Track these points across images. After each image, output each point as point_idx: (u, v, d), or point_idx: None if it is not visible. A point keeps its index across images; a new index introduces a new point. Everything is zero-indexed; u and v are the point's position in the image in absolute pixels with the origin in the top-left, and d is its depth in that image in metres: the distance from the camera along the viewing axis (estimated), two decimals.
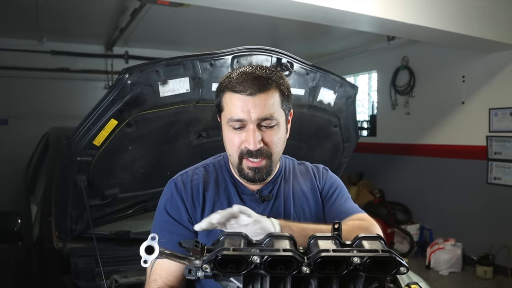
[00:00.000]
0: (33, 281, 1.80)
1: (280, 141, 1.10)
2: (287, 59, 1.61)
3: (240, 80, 1.04)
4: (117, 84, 1.46)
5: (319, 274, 0.76)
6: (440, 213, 4.97)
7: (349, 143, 2.11)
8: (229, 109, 1.06)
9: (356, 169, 6.02)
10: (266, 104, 1.04)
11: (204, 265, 0.76)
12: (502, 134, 4.29)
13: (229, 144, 1.10)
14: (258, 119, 1.03)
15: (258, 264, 0.74)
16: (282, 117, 1.09)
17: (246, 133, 1.05)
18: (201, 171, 1.18)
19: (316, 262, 0.75)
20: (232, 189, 1.16)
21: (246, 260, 0.75)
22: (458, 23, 3.39)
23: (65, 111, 5.44)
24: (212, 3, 2.85)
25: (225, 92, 1.08)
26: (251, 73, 1.06)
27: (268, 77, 1.06)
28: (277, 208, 1.16)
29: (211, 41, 5.63)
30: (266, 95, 1.04)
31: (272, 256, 0.75)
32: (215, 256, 0.75)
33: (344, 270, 0.76)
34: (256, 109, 1.03)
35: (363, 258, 0.75)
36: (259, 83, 1.04)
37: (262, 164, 1.07)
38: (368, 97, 6.44)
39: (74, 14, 4.55)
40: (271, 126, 1.06)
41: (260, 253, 0.75)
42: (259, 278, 0.79)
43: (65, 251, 1.76)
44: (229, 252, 0.76)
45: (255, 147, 1.04)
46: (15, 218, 1.97)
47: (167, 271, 1.08)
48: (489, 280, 4.21)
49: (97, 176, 1.64)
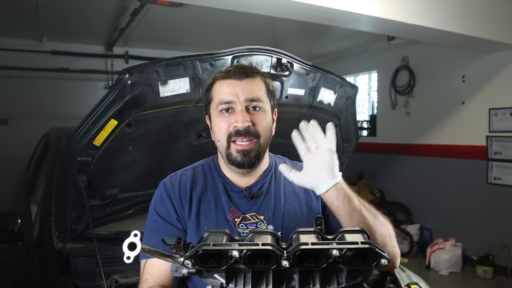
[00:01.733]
0: (33, 281, 1.80)
1: (268, 126, 1.13)
2: (287, 59, 1.61)
3: (227, 70, 1.14)
4: (117, 84, 1.46)
5: (299, 267, 0.77)
6: (440, 213, 4.97)
7: (349, 143, 2.11)
8: (218, 95, 1.11)
9: (356, 169, 6.02)
10: (253, 88, 1.11)
11: (186, 260, 0.78)
12: (502, 134, 4.29)
13: (217, 129, 1.12)
14: (246, 100, 1.09)
15: (238, 259, 0.76)
16: (268, 106, 1.14)
17: (234, 115, 1.09)
18: (189, 172, 1.21)
19: (295, 255, 0.75)
20: (220, 186, 1.17)
21: (226, 254, 0.76)
22: (458, 23, 3.39)
23: (65, 111, 5.44)
24: (212, 3, 2.85)
25: (214, 83, 1.14)
26: (236, 66, 1.16)
27: (253, 69, 1.16)
28: (267, 205, 1.16)
29: (211, 41, 5.63)
30: (253, 80, 1.12)
31: (250, 250, 0.76)
32: (195, 251, 0.77)
33: (324, 263, 0.76)
34: (243, 92, 1.09)
35: (342, 251, 0.75)
36: (245, 71, 1.12)
37: (251, 147, 1.09)
38: (368, 97, 6.44)
39: (74, 14, 4.55)
40: (258, 108, 1.11)
41: (239, 247, 0.76)
42: (242, 274, 0.81)
43: (65, 251, 1.76)
44: (209, 247, 0.77)
45: (243, 125, 1.07)
46: (15, 218, 1.97)
47: (158, 270, 1.09)
48: (489, 280, 4.21)
49: (97, 176, 1.64)
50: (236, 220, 1.12)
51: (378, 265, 0.76)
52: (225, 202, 1.14)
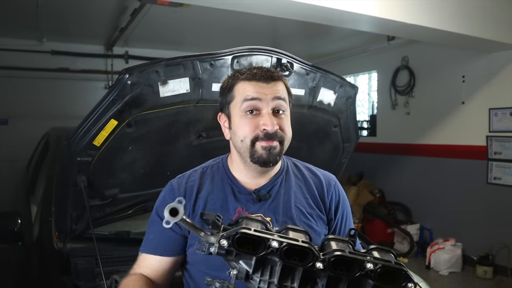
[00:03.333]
0: (33, 281, 1.80)
1: (290, 130, 1.13)
2: (287, 59, 1.61)
3: (253, 72, 1.11)
4: (117, 84, 1.46)
5: (330, 272, 0.77)
6: (440, 213, 4.97)
7: (349, 143, 2.11)
8: (243, 94, 1.09)
9: (356, 169, 6.02)
10: (279, 89, 1.10)
11: (223, 240, 0.76)
12: (502, 134, 4.29)
13: (241, 129, 1.09)
14: (273, 98, 1.08)
15: (275, 250, 0.75)
16: (289, 110, 1.14)
17: (262, 118, 1.07)
18: (198, 173, 1.20)
19: (331, 260, 0.76)
20: (227, 188, 1.16)
21: (265, 243, 0.75)
22: (458, 23, 3.39)
23: (65, 111, 5.44)
24: (212, 3, 2.85)
25: (237, 82, 1.11)
26: (261, 68, 1.13)
27: (276, 72, 1.15)
28: (274, 208, 1.14)
29: (211, 41, 5.63)
30: (277, 83, 1.11)
31: (291, 244, 0.75)
32: (235, 232, 0.76)
33: (356, 273, 0.76)
34: (270, 92, 1.08)
35: (376, 265, 0.75)
36: (271, 74, 1.11)
37: (276, 145, 1.08)
38: (368, 97, 6.44)
39: (74, 14, 4.55)
40: (282, 111, 1.10)
41: (279, 239, 0.76)
42: (269, 267, 0.80)
43: (65, 251, 1.75)
44: (250, 231, 0.76)
45: (273, 128, 1.06)
46: (15, 218, 1.97)
47: (149, 265, 1.13)
48: (489, 280, 4.21)
49: (97, 176, 1.64)
50: None
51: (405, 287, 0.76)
52: (231, 203, 1.13)
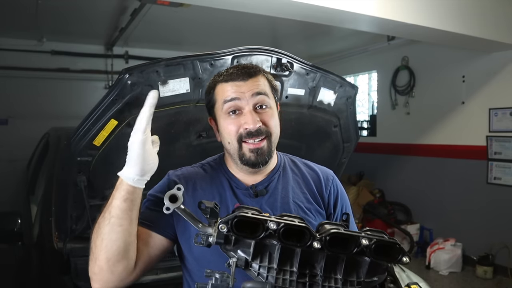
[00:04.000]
0: (33, 281, 1.80)
1: (277, 123, 1.12)
2: (287, 59, 1.61)
3: (229, 73, 1.11)
4: (117, 84, 1.46)
5: (328, 250, 0.80)
6: (440, 213, 4.97)
7: (349, 143, 2.11)
8: (222, 96, 1.09)
9: (356, 169, 6.02)
10: (258, 85, 1.09)
11: (221, 224, 0.79)
12: (502, 134, 4.29)
13: (226, 132, 1.10)
14: (253, 95, 1.07)
15: (273, 231, 0.78)
16: (273, 102, 1.13)
17: (243, 116, 1.07)
18: (196, 169, 1.20)
19: (327, 238, 0.79)
20: (225, 183, 1.16)
21: (263, 225, 0.78)
22: (458, 23, 3.39)
23: (65, 111, 5.44)
24: (212, 3, 2.85)
25: (216, 86, 1.12)
26: (237, 67, 1.13)
27: (254, 67, 1.13)
28: (272, 204, 1.14)
29: (211, 41, 5.63)
30: (256, 79, 1.10)
31: (288, 225, 0.79)
32: (234, 216, 0.79)
33: (352, 250, 0.80)
34: (249, 89, 1.07)
35: (371, 240, 0.79)
36: (248, 71, 1.10)
37: (263, 145, 1.08)
38: (368, 97, 6.44)
39: (74, 14, 4.55)
40: (265, 106, 1.09)
41: (276, 220, 0.79)
42: (267, 253, 0.83)
43: (65, 251, 1.75)
44: (248, 215, 0.79)
45: (255, 126, 1.05)
46: (15, 218, 1.97)
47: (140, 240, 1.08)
48: (489, 280, 4.21)
49: (97, 176, 1.64)
50: None
51: (400, 261, 0.80)
52: (230, 198, 1.14)
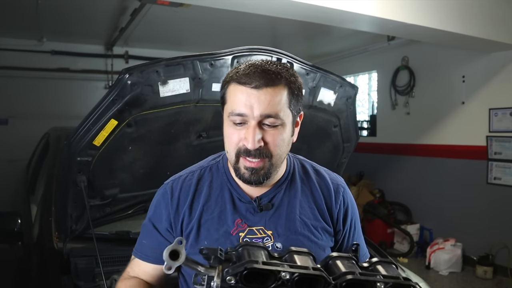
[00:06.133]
0: (33, 281, 1.80)
1: (284, 143, 1.00)
2: (287, 59, 1.61)
3: (246, 72, 0.96)
4: (117, 84, 1.46)
5: None
6: (440, 213, 4.96)
7: (349, 143, 2.11)
8: (231, 102, 0.97)
9: (356, 169, 6.02)
10: (272, 100, 0.94)
11: (229, 277, 0.70)
12: (502, 134, 4.29)
13: (227, 140, 1.01)
14: (261, 115, 0.94)
15: (286, 281, 0.70)
16: (288, 117, 0.99)
17: (246, 130, 0.95)
18: (195, 176, 1.10)
19: (343, 284, 0.73)
20: (227, 194, 1.06)
21: (275, 275, 0.70)
22: (458, 23, 3.39)
23: (65, 111, 5.45)
24: (212, 3, 2.85)
25: (230, 84, 0.99)
26: (259, 66, 0.97)
27: (277, 72, 0.96)
28: (276, 220, 1.05)
29: (211, 41, 5.63)
30: (273, 91, 0.94)
31: (303, 274, 0.71)
32: (243, 268, 0.69)
33: None
34: (260, 105, 0.93)
35: (387, 284, 0.74)
36: (266, 77, 0.94)
37: (260, 165, 0.97)
38: (368, 97, 6.44)
39: (74, 14, 4.55)
40: (274, 125, 0.96)
41: (290, 270, 0.71)
42: None
43: (65, 251, 1.75)
44: (259, 265, 0.70)
45: (253, 146, 0.94)
46: (15, 218, 1.96)
47: (144, 271, 1.11)
48: (489, 280, 4.21)
49: (97, 176, 1.64)
50: (241, 235, 1.03)
51: None
52: (230, 214, 1.04)
